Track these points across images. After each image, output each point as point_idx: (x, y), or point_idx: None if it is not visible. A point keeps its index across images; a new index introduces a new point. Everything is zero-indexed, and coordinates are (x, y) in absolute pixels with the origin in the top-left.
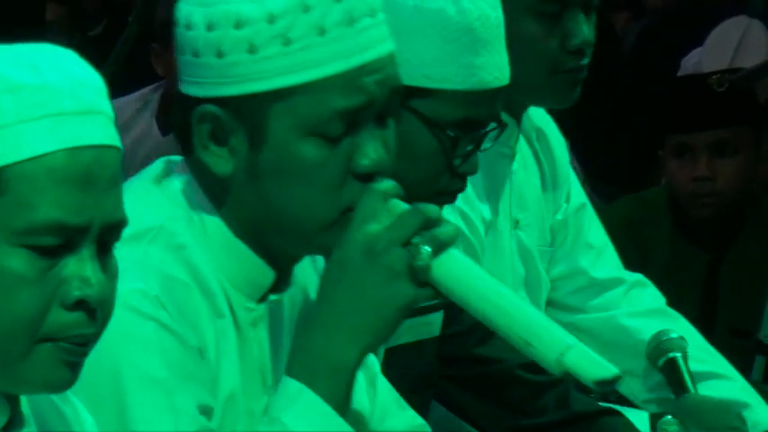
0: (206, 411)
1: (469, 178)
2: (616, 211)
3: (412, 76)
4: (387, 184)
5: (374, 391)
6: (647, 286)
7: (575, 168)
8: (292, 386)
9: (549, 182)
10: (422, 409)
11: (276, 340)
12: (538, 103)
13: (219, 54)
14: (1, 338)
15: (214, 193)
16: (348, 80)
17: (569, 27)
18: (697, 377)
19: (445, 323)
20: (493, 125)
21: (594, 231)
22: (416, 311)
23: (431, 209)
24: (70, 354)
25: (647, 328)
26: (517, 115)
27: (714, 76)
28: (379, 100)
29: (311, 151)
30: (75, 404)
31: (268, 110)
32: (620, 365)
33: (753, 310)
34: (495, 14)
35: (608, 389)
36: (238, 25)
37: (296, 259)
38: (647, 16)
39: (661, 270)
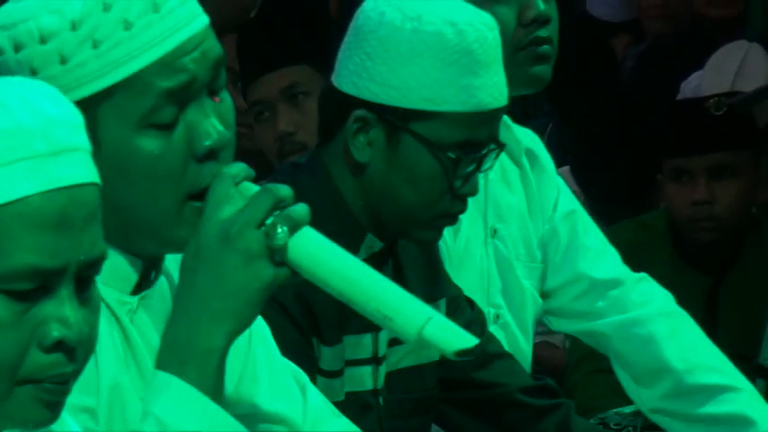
0: (86, 411)
1: None
2: (616, 235)
3: (411, 99)
4: (236, 168)
5: (304, 398)
6: (650, 283)
7: (574, 192)
8: (161, 377)
9: (536, 198)
10: None
11: (157, 330)
12: (509, 89)
13: (33, 72)
14: None
15: None
16: (164, 65)
17: (523, 2)
18: (709, 391)
19: None
20: (492, 146)
21: (590, 233)
22: None
23: (282, 188)
24: (50, 394)
25: (659, 333)
26: None
27: (712, 100)
28: (202, 76)
29: (148, 143)
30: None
31: (93, 113)
32: (633, 372)
33: (753, 334)
34: (493, 35)
35: (467, 358)
36: (43, 40)
37: (160, 254)
38: (646, 40)
39: None
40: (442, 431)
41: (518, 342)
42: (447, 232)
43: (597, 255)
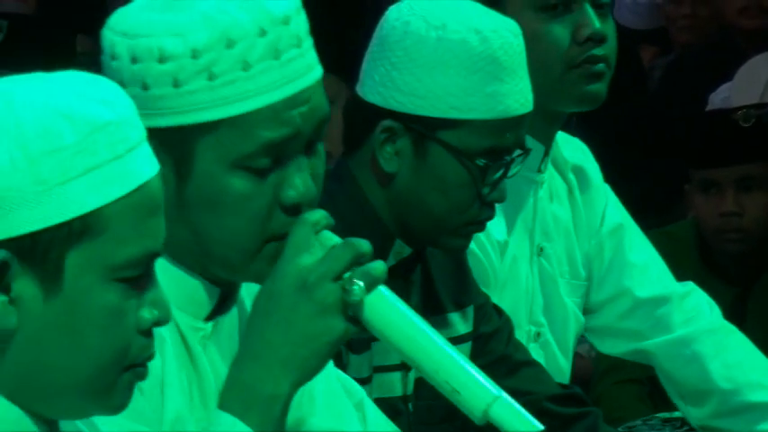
0: None
1: None
2: None
3: (438, 107)
4: (317, 215)
5: (363, 414)
6: (696, 296)
7: None
8: (224, 419)
9: (582, 215)
10: None
11: (228, 357)
12: (561, 105)
13: (144, 86)
14: (100, 372)
15: None
16: (274, 113)
17: (578, 19)
18: (759, 409)
19: (473, 355)
20: (518, 152)
21: (636, 249)
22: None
23: (363, 243)
24: (140, 377)
25: (703, 352)
26: (545, 141)
27: (740, 112)
28: (307, 131)
29: (238, 184)
30: None
31: (194, 142)
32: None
33: None
34: (518, 42)
35: None
36: (162, 60)
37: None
38: (674, 50)
39: None
40: None
41: (557, 360)
42: (493, 251)
43: (642, 272)
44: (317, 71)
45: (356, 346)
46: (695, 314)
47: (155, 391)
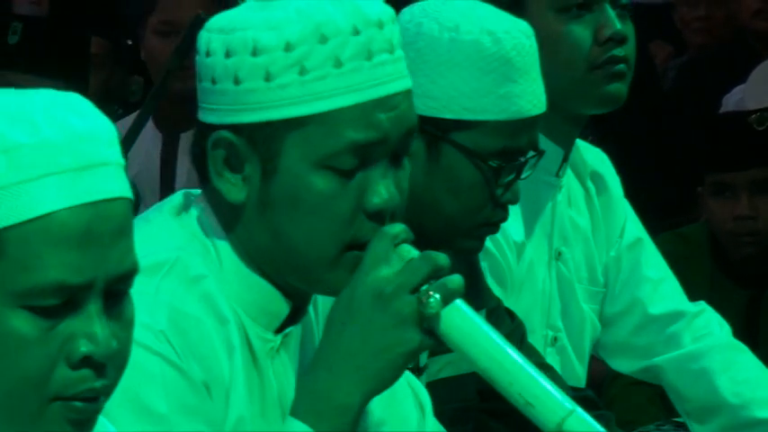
0: None
1: None
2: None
3: (452, 109)
4: (397, 228)
5: (424, 418)
6: (707, 315)
7: None
8: (296, 426)
9: (601, 223)
10: None
11: (297, 369)
12: (582, 107)
13: (236, 80)
14: (13, 399)
15: (228, 222)
16: (363, 114)
17: (599, 20)
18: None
19: None
20: (531, 153)
21: (653, 264)
22: None
23: (440, 257)
24: (79, 413)
25: (712, 368)
26: (565, 145)
27: (754, 115)
28: (393, 137)
29: (322, 183)
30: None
31: (282, 138)
32: (687, 406)
33: None
34: (530, 42)
35: None
36: (255, 52)
37: (309, 293)
38: (688, 52)
39: None
40: None
41: (573, 366)
42: (510, 252)
43: (656, 288)
44: (407, 81)
45: None
46: (706, 332)
47: (220, 397)
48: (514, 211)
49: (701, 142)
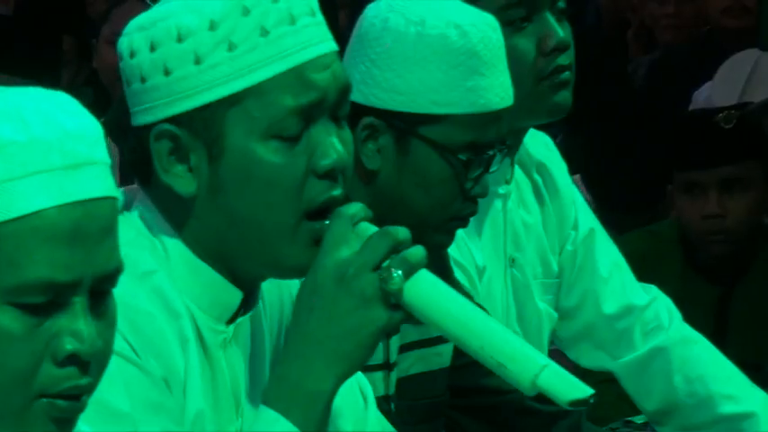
0: None
1: None
2: (626, 245)
3: (419, 103)
4: (354, 207)
5: (366, 415)
6: (658, 303)
7: (585, 198)
8: (269, 415)
9: (551, 214)
10: None
11: (248, 359)
12: (532, 119)
13: (166, 71)
14: None
15: (175, 216)
16: (297, 77)
17: (542, 31)
18: (726, 421)
19: (456, 354)
20: (499, 146)
21: (604, 256)
22: (427, 342)
23: (399, 230)
24: (62, 411)
25: (666, 368)
26: (511, 153)
27: (722, 114)
28: (331, 97)
29: (271, 154)
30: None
31: (222, 119)
32: (647, 409)
33: (763, 343)
34: (497, 36)
35: (582, 408)
36: (180, 38)
37: (261, 279)
38: (658, 48)
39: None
40: None
41: None
42: (474, 273)
43: (607, 283)
44: (333, 43)
45: None
46: (656, 325)
47: (178, 392)
48: (473, 234)
49: (669, 141)
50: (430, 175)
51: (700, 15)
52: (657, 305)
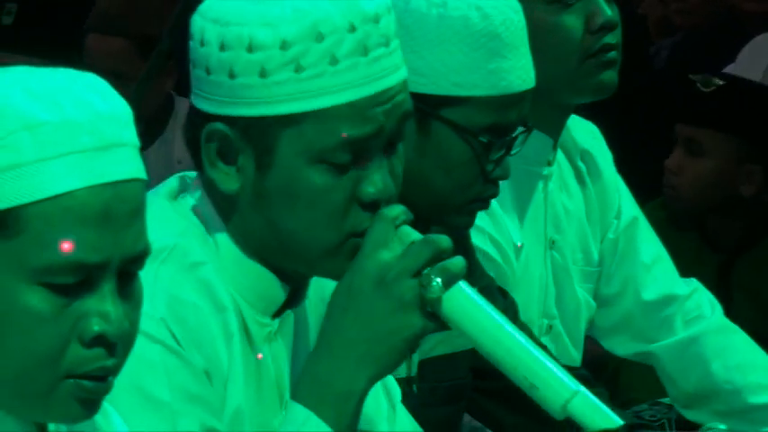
0: None
1: (499, 200)
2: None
3: (441, 85)
4: (396, 210)
5: (394, 416)
6: (699, 295)
7: None
8: (300, 412)
9: (594, 202)
10: (454, 421)
11: (292, 352)
12: (575, 97)
13: (231, 75)
14: (25, 375)
15: (223, 209)
16: (358, 110)
17: (589, 8)
18: (761, 410)
19: None
20: (521, 129)
21: (646, 244)
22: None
23: (442, 240)
24: (89, 392)
25: (705, 354)
26: (554, 134)
27: (701, 75)
28: (388, 129)
29: (317, 178)
30: (107, 409)
31: (276, 134)
32: (681, 392)
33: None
34: (519, 18)
35: None
36: (251, 49)
37: (307, 277)
38: (677, 33)
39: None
40: (473, 420)
41: (569, 351)
42: (511, 251)
43: (649, 271)
44: (402, 71)
45: None
46: (697, 314)
47: (219, 386)
48: (511, 213)
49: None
50: (451, 156)
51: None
52: (699, 296)
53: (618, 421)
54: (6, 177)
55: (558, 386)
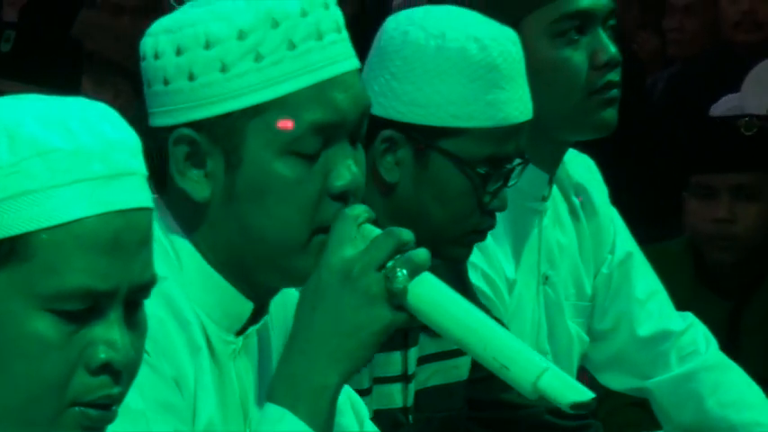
0: None
1: (493, 235)
2: None
3: (439, 116)
4: (358, 209)
5: (362, 428)
6: (695, 330)
7: None
8: (275, 411)
9: (588, 237)
10: None
11: (256, 371)
12: (575, 134)
13: (191, 77)
14: (31, 402)
15: (189, 222)
16: (319, 94)
17: (594, 45)
18: None
19: (473, 367)
20: (518, 160)
21: (642, 279)
22: (445, 355)
23: (403, 232)
24: (93, 420)
25: (700, 391)
26: (550, 169)
27: (744, 119)
28: (351, 118)
29: (288, 169)
30: None
31: (243, 128)
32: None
33: None
34: (516, 49)
35: (582, 411)
36: (208, 45)
37: (273, 291)
38: (674, 64)
39: None
40: None
41: None
42: (505, 289)
43: (644, 307)
44: (356, 61)
45: None
46: (692, 350)
47: (187, 396)
48: (505, 247)
49: (688, 143)
50: (448, 188)
51: (708, 29)
52: (695, 331)
53: (589, 393)
54: (18, 203)
55: (528, 364)
